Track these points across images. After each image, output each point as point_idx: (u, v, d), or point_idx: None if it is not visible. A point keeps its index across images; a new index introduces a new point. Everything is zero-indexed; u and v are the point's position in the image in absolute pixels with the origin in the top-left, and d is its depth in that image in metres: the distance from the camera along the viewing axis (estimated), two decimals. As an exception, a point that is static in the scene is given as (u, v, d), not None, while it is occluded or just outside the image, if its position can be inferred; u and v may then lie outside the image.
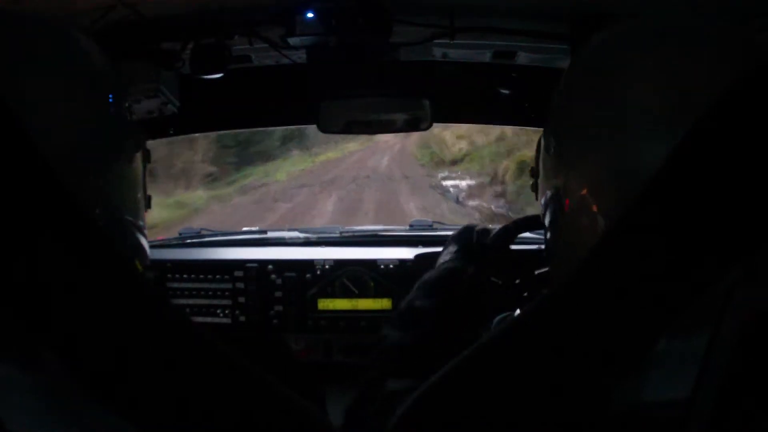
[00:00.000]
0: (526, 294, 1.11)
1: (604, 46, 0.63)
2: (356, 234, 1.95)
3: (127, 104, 0.66)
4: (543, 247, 0.72)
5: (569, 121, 0.63)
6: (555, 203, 0.64)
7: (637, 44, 0.59)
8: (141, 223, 0.67)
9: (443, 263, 0.93)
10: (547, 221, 0.68)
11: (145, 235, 0.69)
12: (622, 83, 0.57)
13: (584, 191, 0.59)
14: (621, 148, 0.55)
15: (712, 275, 0.39)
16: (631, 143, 0.54)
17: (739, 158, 0.39)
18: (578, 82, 0.64)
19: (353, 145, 15.93)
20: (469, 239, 0.96)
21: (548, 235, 0.68)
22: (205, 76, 1.26)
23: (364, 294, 1.67)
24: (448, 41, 1.28)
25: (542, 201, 0.69)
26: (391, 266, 1.68)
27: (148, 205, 0.72)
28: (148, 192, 0.73)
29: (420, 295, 0.87)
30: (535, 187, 0.75)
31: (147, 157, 0.72)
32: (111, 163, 0.61)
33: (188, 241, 1.95)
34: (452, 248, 0.95)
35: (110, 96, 0.62)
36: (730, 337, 0.39)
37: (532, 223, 1.13)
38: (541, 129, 0.71)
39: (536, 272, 1.08)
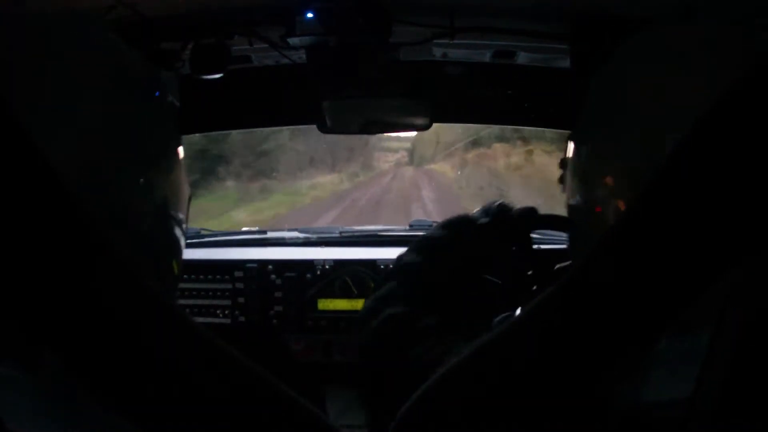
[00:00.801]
0: (533, 289, 1.10)
1: (636, 52, 0.63)
2: (356, 234, 1.95)
3: (170, 100, 0.67)
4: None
5: (599, 124, 0.64)
6: (584, 202, 0.64)
7: (670, 51, 0.59)
8: (181, 216, 0.67)
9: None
10: (574, 219, 0.69)
11: (183, 231, 0.69)
12: (653, 90, 0.58)
13: (616, 194, 0.59)
14: (651, 152, 0.55)
15: (714, 274, 0.39)
16: (663, 147, 0.55)
17: (739, 158, 0.39)
18: (609, 87, 0.65)
19: (347, 185, 9.28)
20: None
21: (575, 233, 0.69)
22: (205, 76, 1.26)
23: (363, 294, 1.67)
24: (448, 41, 1.27)
25: (570, 199, 0.69)
26: (391, 266, 1.67)
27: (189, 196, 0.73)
28: None
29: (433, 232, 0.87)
30: (562, 180, 0.75)
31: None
32: (159, 157, 0.62)
33: (188, 241, 1.95)
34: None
35: (156, 92, 0.63)
36: (731, 337, 0.39)
37: (555, 222, 1.11)
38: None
39: (557, 266, 1.06)
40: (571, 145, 0.70)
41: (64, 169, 0.39)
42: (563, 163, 0.75)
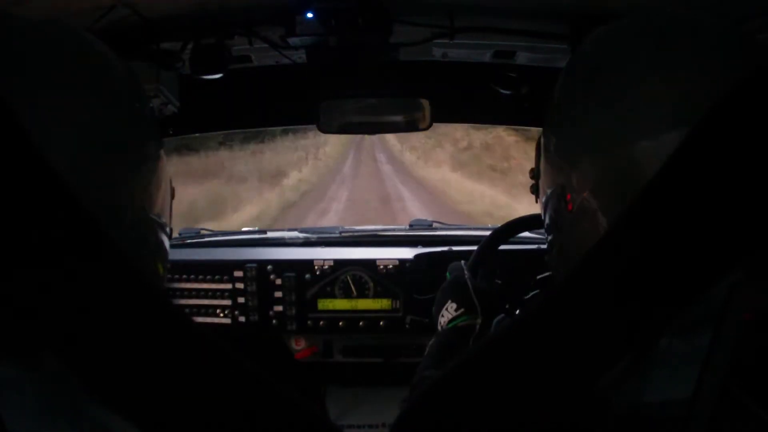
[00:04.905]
0: (527, 293, 1.11)
1: (603, 43, 0.62)
2: (356, 234, 1.95)
3: (150, 105, 0.67)
4: (543, 246, 0.72)
5: (569, 119, 0.63)
6: (557, 204, 0.63)
7: (638, 42, 0.58)
8: (164, 220, 0.68)
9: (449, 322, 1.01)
10: (548, 223, 0.68)
11: (167, 233, 0.69)
12: (621, 81, 0.57)
13: (586, 191, 0.58)
14: (622, 146, 0.55)
15: (714, 275, 0.39)
16: (632, 141, 0.54)
17: (739, 159, 0.39)
18: (578, 79, 0.64)
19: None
20: (464, 288, 1.02)
21: (550, 236, 0.68)
22: (205, 76, 1.26)
23: (363, 294, 1.67)
24: (447, 41, 1.28)
25: (543, 203, 0.68)
26: (391, 266, 1.68)
27: (172, 196, 0.73)
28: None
29: (429, 363, 0.92)
30: (535, 190, 0.75)
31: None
32: (139, 164, 0.62)
33: (188, 241, 1.95)
34: (452, 305, 1.01)
35: (137, 99, 0.63)
36: (731, 337, 0.40)
37: (528, 223, 1.13)
38: (542, 128, 0.71)
39: (538, 277, 1.07)
40: (541, 146, 0.70)
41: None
42: (534, 173, 0.75)
